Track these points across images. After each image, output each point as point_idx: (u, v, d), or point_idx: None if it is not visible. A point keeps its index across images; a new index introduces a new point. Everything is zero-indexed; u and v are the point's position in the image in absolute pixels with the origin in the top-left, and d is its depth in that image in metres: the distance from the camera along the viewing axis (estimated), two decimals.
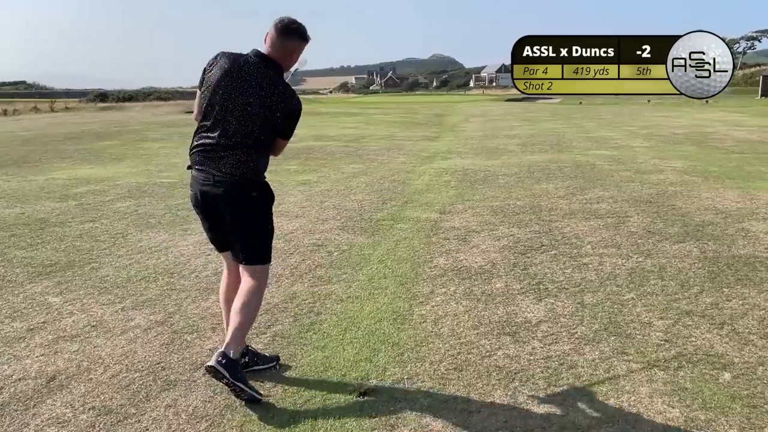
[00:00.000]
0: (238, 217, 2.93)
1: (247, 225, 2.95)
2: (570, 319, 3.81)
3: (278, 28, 2.90)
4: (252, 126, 2.87)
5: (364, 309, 4.02)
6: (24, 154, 12.91)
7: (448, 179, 9.36)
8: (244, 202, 2.92)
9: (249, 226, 2.96)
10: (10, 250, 5.41)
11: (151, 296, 4.28)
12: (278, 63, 2.94)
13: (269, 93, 2.87)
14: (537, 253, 5.25)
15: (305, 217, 6.72)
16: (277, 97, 2.89)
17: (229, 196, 2.89)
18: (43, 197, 7.91)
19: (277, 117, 2.91)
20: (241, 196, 2.90)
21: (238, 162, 2.87)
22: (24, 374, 3.11)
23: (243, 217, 2.93)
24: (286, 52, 2.94)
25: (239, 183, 2.89)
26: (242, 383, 2.84)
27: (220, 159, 2.87)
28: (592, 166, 10.53)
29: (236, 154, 2.87)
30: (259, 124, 2.87)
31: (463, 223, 6.42)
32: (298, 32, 2.94)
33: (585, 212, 6.79)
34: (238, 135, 2.87)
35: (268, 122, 2.89)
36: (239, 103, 2.85)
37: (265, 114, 2.87)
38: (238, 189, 2.89)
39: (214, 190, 2.89)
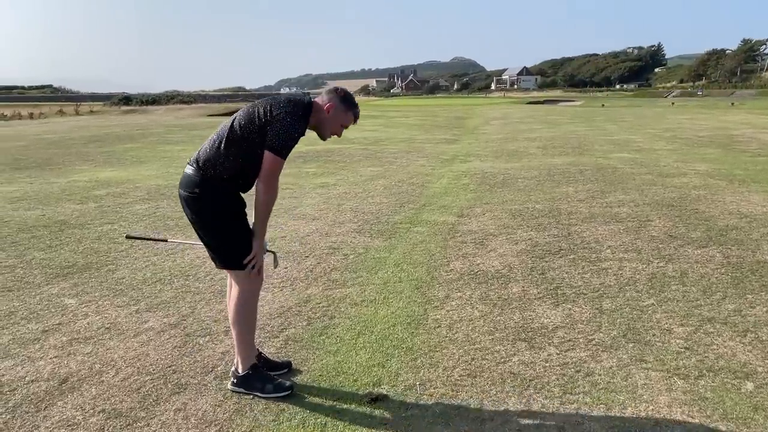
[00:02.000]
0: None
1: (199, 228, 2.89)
2: (587, 325, 3.73)
3: (329, 90, 2.99)
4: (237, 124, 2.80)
5: (378, 313, 3.98)
6: (48, 157, 13.11)
7: (467, 182, 9.29)
8: (185, 199, 2.83)
9: (201, 230, 2.89)
10: (29, 251, 5.46)
11: (166, 298, 4.28)
12: (313, 109, 2.88)
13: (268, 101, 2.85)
14: (555, 258, 5.16)
15: (322, 220, 6.70)
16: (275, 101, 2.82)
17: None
18: (64, 199, 8.00)
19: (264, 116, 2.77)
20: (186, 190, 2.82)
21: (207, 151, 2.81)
22: (37, 376, 3.13)
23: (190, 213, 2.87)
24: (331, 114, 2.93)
25: (188, 177, 2.81)
26: (260, 392, 2.94)
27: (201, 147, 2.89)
28: (613, 169, 10.38)
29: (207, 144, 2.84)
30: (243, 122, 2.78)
31: (481, 226, 6.35)
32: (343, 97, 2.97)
33: (605, 216, 6.67)
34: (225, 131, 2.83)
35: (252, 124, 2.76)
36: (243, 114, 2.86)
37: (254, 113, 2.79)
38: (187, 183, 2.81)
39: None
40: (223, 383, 3.04)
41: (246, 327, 2.96)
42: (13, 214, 7.01)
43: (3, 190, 8.71)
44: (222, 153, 2.75)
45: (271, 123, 2.70)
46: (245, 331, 2.97)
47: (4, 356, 3.35)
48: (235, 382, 2.99)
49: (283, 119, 2.70)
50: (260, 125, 2.72)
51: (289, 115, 2.72)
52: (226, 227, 2.81)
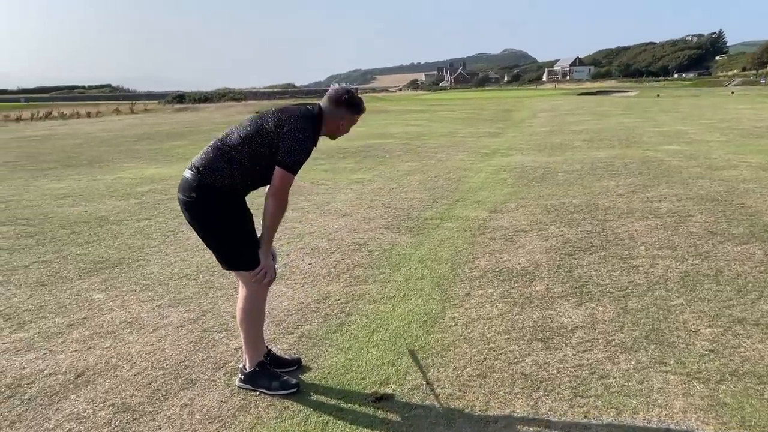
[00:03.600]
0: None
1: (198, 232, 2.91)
2: (609, 325, 3.60)
3: (330, 96, 2.95)
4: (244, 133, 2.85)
5: (396, 310, 3.95)
6: (98, 155, 13.58)
7: (505, 177, 9.13)
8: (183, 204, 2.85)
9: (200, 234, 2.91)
10: (67, 246, 5.66)
11: (189, 293, 4.36)
12: (322, 118, 2.90)
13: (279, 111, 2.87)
14: (585, 255, 5.00)
15: (352, 216, 6.70)
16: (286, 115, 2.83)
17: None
18: (107, 196, 8.26)
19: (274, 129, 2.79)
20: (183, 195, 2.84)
21: (207, 153, 2.85)
22: (56, 369, 3.23)
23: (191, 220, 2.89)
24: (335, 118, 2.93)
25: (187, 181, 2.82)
26: (266, 389, 2.96)
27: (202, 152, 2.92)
28: (659, 162, 10.01)
29: (209, 148, 2.87)
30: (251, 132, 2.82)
31: (512, 222, 6.22)
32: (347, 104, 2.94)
33: (644, 211, 6.43)
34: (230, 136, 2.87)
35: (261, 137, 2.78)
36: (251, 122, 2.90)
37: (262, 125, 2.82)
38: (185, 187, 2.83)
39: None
40: (232, 379, 3.07)
41: (253, 326, 2.99)
42: (57, 211, 7.28)
43: (52, 187, 9.07)
44: (223, 160, 2.76)
45: (282, 138, 2.72)
46: (252, 331, 2.99)
47: (28, 349, 3.47)
48: (242, 379, 3.01)
49: (294, 136, 2.72)
50: (270, 139, 2.74)
51: (301, 131, 2.74)
52: (225, 230, 2.80)
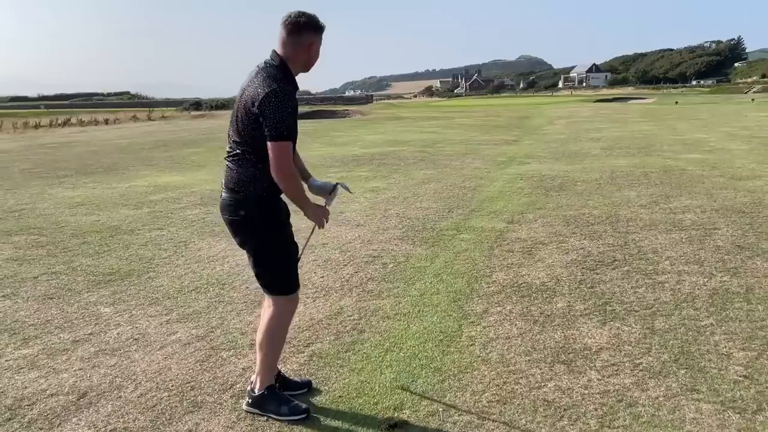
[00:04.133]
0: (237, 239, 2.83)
1: (246, 250, 2.81)
2: (636, 347, 3.42)
3: (286, 25, 2.63)
4: (237, 128, 2.67)
5: (411, 328, 3.80)
6: (114, 162, 13.59)
7: (522, 186, 8.95)
8: (230, 223, 2.78)
9: (249, 252, 2.81)
10: (77, 257, 5.58)
11: (198, 308, 4.24)
12: (285, 62, 2.64)
13: (247, 85, 2.64)
14: (608, 269, 4.82)
15: (366, 227, 6.56)
16: (253, 88, 2.58)
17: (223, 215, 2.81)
18: (121, 204, 8.20)
19: (253, 110, 2.55)
20: (230, 215, 2.75)
21: (228, 173, 2.74)
22: (58, 389, 3.11)
23: (236, 238, 2.80)
24: (302, 48, 2.65)
25: (226, 200, 2.75)
26: (274, 414, 2.83)
27: (224, 172, 2.78)
28: (681, 171, 9.77)
29: (227, 165, 2.74)
30: (241, 125, 2.63)
31: (531, 233, 6.05)
32: (309, 26, 2.64)
33: (667, 223, 6.23)
34: (230, 142, 2.76)
35: (249, 121, 2.58)
36: (234, 110, 2.72)
37: (244, 111, 2.60)
38: (226, 206, 2.76)
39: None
40: (239, 402, 2.94)
41: (272, 350, 2.86)
42: (69, 220, 7.22)
43: (66, 195, 9.03)
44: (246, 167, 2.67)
45: (262, 114, 2.53)
46: (270, 355, 2.86)
47: (31, 367, 3.37)
48: (249, 402, 2.88)
49: (269, 105, 2.50)
50: (255, 119, 2.57)
51: (273, 95, 2.50)
52: (274, 248, 2.74)
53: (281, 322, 2.84)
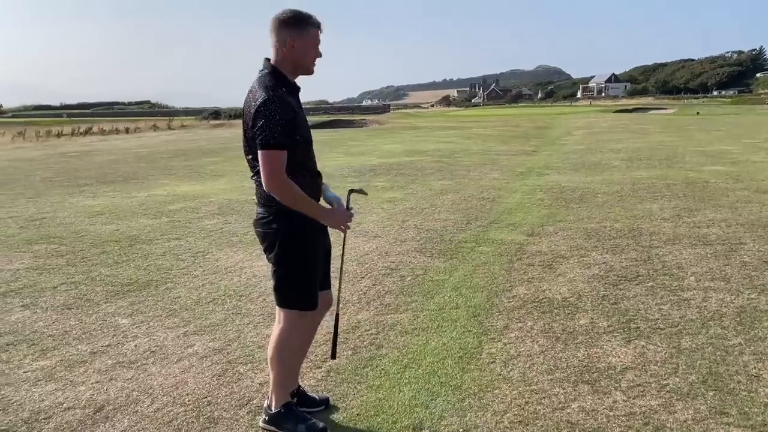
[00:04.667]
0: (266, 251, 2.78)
1: (271, 261, 2.77)
2: (662, 366, 3.32)
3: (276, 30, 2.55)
4: (249, 145, 2.64)
5: (429, 344, 3.73)
6: (134, 171, 13.70)
7: (542, 197, 8.85)
8: (263, 236, 2.74)
9: (272, 262, 2.76)
10: (96, 267, 5.59)
11: (216, 320, 4.21)
12: (275, 66, 2.58)
13: (246, 101, 2.60)
14: (631, 285, 4.72)
15: (384, 238, 6.51)
16: (248, 104, 2.57)
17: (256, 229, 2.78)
18: (140, 214, 8.24)
19: (249, 123, 2.54)
20: (263, 229, 2.72)
21: (256, 190, 2.71)
22: (75, 403, 3.09)
23: (266, 251, 2.76)
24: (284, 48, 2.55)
25: (259, 214, 2.72)
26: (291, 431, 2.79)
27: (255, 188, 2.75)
28: (704, 183, 9.61)
29: (255, 181, 2.70)
30: (251, 142, 2.58)
31: (551, 247, 5.96)
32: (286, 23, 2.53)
33: (691, 237, 6.10)
34: (247, 159, 2.71)
35: (254, 137, 2.53)
36: (243, 128, 2.70)
37: (249, 128, 2.56)
38: (258, 220, 2.73)
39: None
40: (256, 419, 2.89)
41: (282, 369, 2.81)
42: (89, 229, 7.26)
43: (86, 204, 9.11)
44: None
45: (255, 127, 2.49)
46: (281, 373, 2.81)
47: (48, 379, 3.36)
48: (266, 420, 2.83)
49: (259, 116, 2.46)
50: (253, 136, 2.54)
51: (262, 106, 2.45)
52: (298, 260, 2.67)
53: (290, 338, 2.77)
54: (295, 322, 2.76)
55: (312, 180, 2.71)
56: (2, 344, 3.85)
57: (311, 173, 2.72)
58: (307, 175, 2.68)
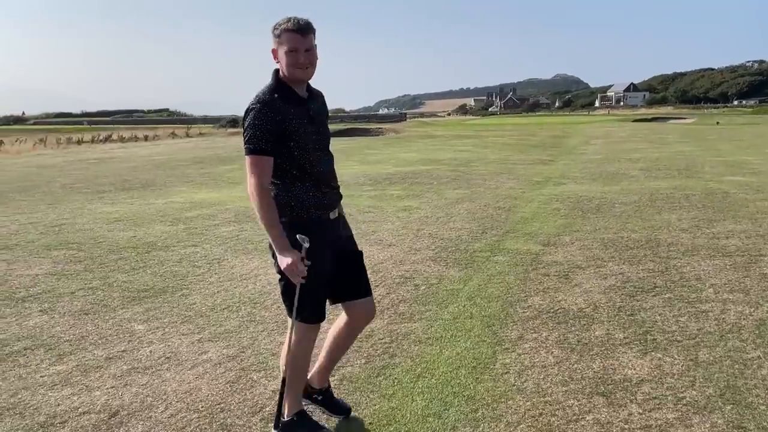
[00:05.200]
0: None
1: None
2: (679, 379, 3.28)
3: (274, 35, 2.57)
4: None
5: (443, 353, 3.72)
6: (152, 178, 13.84)
7: (558, 207, 8.80)
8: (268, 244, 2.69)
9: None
10: (113, 273, 5.65)
11: (230, 327, 4.23)
12: (276, 72, 2.62)
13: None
14: (648, 296, 4.67)
15: (398, 246, 6.51)
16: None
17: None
18: (157, 221, 8.32)
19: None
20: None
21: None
22: (90, 407, 3.12)
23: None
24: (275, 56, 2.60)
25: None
26: None
27: None
28: (724, 194, 9.49)
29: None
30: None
31: (568, 257, 5.91)
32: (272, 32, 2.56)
33: (710, 249, 6.03)
34: None
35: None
36: None
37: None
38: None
39: None
40: (268, 426, 2.90)
41: (296, 378, 2.80)
42: (107, 235, 7.34)
43: (104, 211, 9.21)
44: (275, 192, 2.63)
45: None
46: (294, 381, 2.81)
47: (64, 384, 3.39)
48: (279, 426, 2.83)
49: (245, 121, 2.53)
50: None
51: (248, 112, 2.53)
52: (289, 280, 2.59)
53: (300, 349, 2.76)
54: (302, 332, 2.74)
55: (317, 189, 2.65)
56: (20, 348, 3.90)
57: (319, 181, 2.66)
58: (309, 184, 2.63)
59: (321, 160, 2.68)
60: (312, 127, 2.64)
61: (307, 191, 2.62)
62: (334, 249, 2.74)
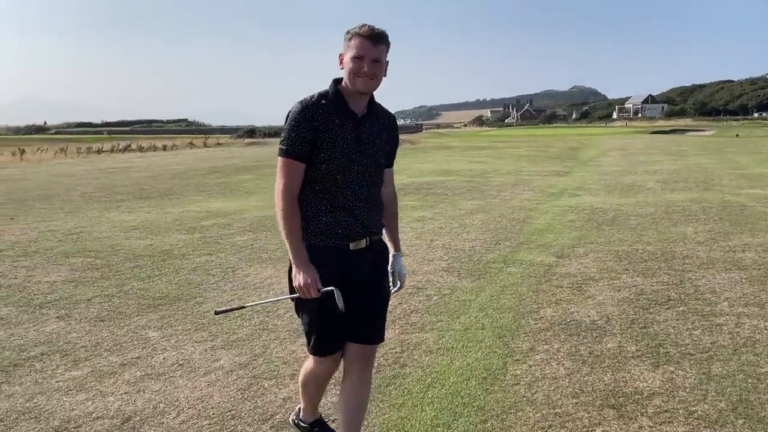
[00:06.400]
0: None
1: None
2: (691, 393, 3.25)
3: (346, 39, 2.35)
4: None
5: (454, 364, 3.72)
6: (169, 187, 14.01)
7: (573, 219, 8.77)
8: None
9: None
10: (129, 281, 5.72)
11: (243, 335, 4.27)
12: (342, 83, 2.40)
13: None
14: (662, 309, 4.64)
15: (411, 257, 6.52)
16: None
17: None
18: (174, 229, 8.42)
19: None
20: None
21: None
22: (104, 412, 3.16)
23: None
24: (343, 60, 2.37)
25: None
26: None
27: None
28: (741, 207, 9.40)
29: None
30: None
31: (581, 269, 5.89)
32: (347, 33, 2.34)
33: (726, 262, 5.97)
34: None
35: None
36: None
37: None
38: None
39: None
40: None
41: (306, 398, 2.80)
42: (124, 243, 7.44)
43: (122, 219, 9.34)
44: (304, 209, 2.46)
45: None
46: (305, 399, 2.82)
47: (79, 389, 3.44)
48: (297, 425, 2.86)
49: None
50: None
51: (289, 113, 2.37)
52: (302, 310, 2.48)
53: (311, 376, 2.64)
54: (311, 363, 2.60)
55: (331, 215, 2.38)
56: (37, 354, 3.96)
57: (337, 206, 2.39)
58: (325, 207, 2.39)
59: (353, 184, 2.38)
60: (358, 146, 2.37)
61: (318, 214, 2.39)
62: (351, 284, 2.42)
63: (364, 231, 2.45)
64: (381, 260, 2.58)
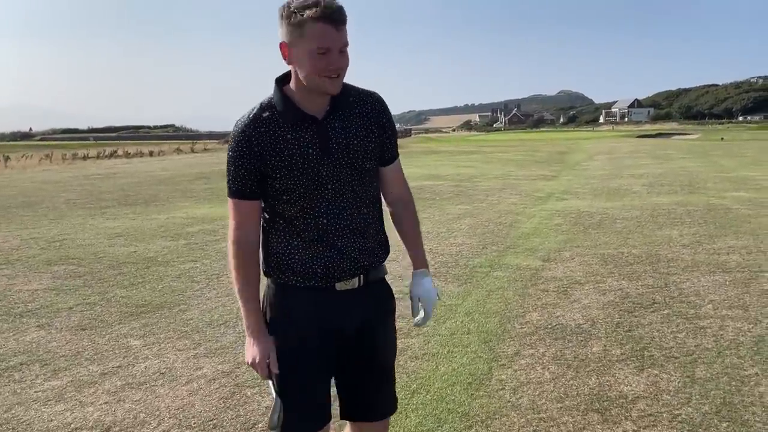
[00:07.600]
0: None
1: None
2: (675, 396, 3.25)
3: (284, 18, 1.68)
4: None
5: (439, 369, 3.70)
6: (155, 193, 13.90)
7: (560, 222, 8.79)
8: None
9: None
10: (112, 288, 5.66)
11: (226, 343, 4.22)
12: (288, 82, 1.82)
13: None
14: (646, 312, 4.64)
15: (398, 262, 6.47)
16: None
17: None
18: (158, 236, 8.34)
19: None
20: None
21: None
22: (83, 423, 3.11)
23: None
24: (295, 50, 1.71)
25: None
26: None
27: None
28: (726, 210, 9.47)
29: None
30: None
31: (567, 272, 5.90)
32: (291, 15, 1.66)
33: (710, 265, 6.00)
34: None
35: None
36: None
37: None
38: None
39: None
40: None
41: None
42: (107, 250, 7.36)
43: (106, 226, 9.25)
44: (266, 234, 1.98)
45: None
46: None
47: (58, 399, 3.39)
48: None
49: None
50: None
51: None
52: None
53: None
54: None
55: (306, 249, 1.84)
56: (16, 364, 3.90)
57: (312, 239, 1.83)
58: (297, 241, 1.84)
59: (330, 209, 1.82)
60: (326, 159, 1.79)
61: (290, 250, 1.85)
62: (338, 340, 1.91)
63: (354, 267, 1.88)
64: (382, 308, 2.03)
